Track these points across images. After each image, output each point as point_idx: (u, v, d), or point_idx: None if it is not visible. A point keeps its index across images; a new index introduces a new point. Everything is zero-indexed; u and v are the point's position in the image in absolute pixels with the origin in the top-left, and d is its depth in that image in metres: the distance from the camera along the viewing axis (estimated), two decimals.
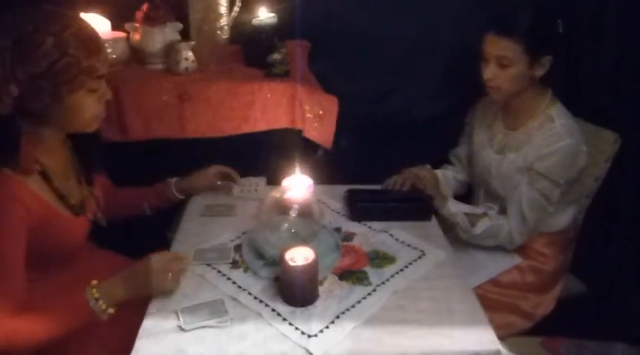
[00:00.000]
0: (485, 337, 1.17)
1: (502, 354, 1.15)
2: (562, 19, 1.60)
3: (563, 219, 1.73)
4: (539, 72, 1.58)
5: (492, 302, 1.63)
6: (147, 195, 1.60)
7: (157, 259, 1.24)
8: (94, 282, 1.20)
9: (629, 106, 1.79)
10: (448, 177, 1.88)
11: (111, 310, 1.19)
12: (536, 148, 1.60)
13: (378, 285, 1.31)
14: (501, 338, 1.24)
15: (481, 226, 1.66)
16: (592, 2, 1.85)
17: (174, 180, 1.62)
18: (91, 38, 1.18)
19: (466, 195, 1.92)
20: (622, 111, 1.80)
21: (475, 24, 1.67)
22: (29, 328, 1.13)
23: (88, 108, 1.22)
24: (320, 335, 1.16)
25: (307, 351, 1.12)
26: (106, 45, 1.64)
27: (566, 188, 1.62)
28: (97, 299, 1.17)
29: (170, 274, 1.23)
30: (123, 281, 1.22)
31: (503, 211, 1.70)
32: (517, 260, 1.72)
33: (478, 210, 1.72)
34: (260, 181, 1.72)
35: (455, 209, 1.68)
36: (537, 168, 1.59)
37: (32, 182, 1.21)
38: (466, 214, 1.67)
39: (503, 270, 1.71)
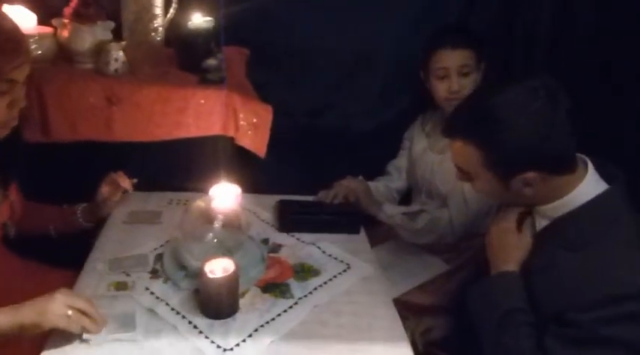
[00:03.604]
0: (403, 354, 1.17)
1: None
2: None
3: None
4: (480, 76, 1.70)
5: (418, 308, 1.66)
6: (53, 218, 1.49)
7: (64, 292, 1.09)
8: None
9: None
10: (379, 187, 1.91)
11: None
12: None
13: (300, 298, 1.30)
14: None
15: (422, 220, 1.71)
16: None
17: (80, 207, 1.50)
18: (7, 38, 1.11)
19: (404, 202, 1.95)
20: None
21: (415, 42, 1.71)
22: None
23: None
24: (236, 348, 1.13)
25: None
26: (31, 40, 1.60)
27: None
28: None
29: (70, 313, 1.07)
30: (12, 309, 1.06)
31: (443, 206, 1.74)
32: (445, 267, 1.76)
33: (414, 208, 1.77)
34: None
35: (392, 211, 1.72)
36: None
37: None
38: (404, 214, 1.72)
39: (431, 277, 1.73)
